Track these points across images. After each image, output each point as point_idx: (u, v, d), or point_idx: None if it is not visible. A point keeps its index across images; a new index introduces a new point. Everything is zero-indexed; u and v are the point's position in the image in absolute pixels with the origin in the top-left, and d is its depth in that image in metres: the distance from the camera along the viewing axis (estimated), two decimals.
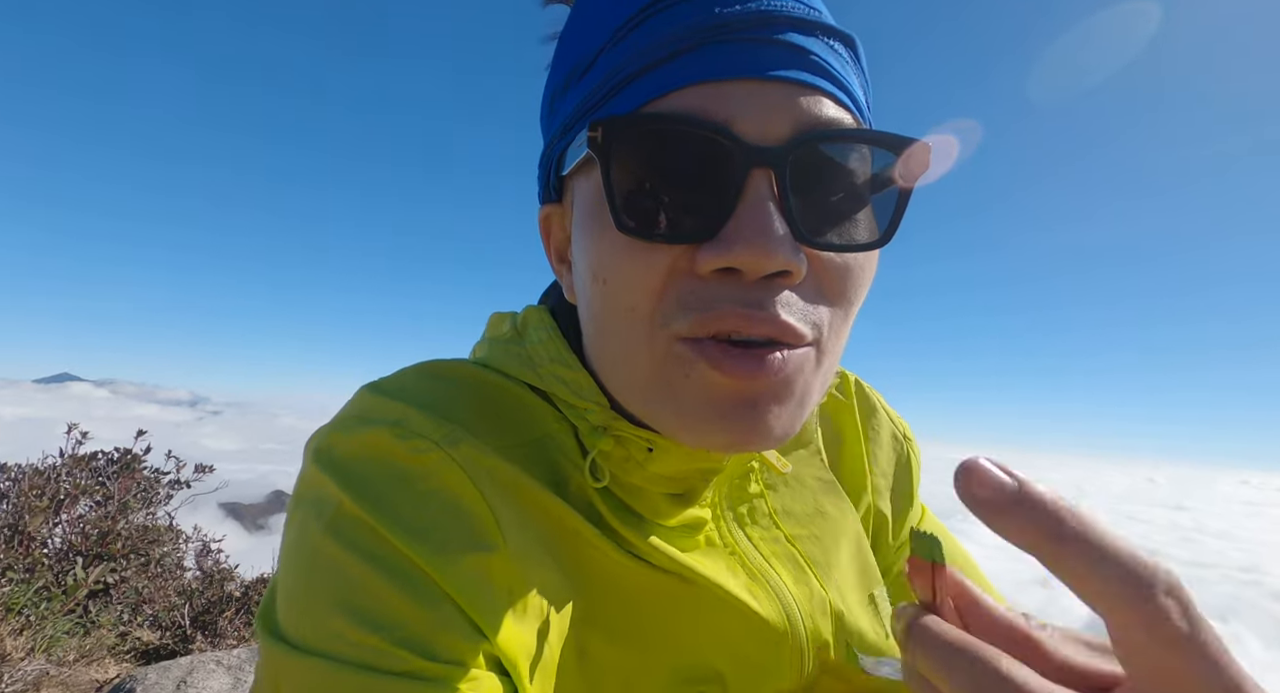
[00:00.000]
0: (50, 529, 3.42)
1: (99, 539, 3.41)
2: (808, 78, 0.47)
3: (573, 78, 0.53)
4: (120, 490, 3.73)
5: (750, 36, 0.46)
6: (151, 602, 3.35)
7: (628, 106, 0.47)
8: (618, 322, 0.50)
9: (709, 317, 0.46)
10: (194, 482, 4.27)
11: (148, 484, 3.96)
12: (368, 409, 0.53)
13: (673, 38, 0.47)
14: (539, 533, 0.53)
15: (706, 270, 0.46)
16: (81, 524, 3.48)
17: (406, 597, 0.44)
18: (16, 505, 3.39)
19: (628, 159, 0.46)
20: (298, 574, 0.47)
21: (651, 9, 0.48)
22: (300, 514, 0.49)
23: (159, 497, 4.00)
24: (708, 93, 0.45)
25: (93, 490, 3.67)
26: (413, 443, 0.50)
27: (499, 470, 0.52)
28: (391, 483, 0.48)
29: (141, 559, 3.54)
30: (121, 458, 3.94)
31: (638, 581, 0.57)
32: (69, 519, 3.49)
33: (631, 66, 0.48)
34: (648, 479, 0.58)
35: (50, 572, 3.11)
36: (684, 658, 0.58)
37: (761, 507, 0.67)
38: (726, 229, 0.45)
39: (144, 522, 3.78)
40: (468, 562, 0.47)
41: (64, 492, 3.52)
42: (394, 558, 0.45)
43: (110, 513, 3.59)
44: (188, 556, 3.98)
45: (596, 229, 0.49)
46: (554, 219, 0.59)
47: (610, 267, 0.48)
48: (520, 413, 0.58)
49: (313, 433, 0.54)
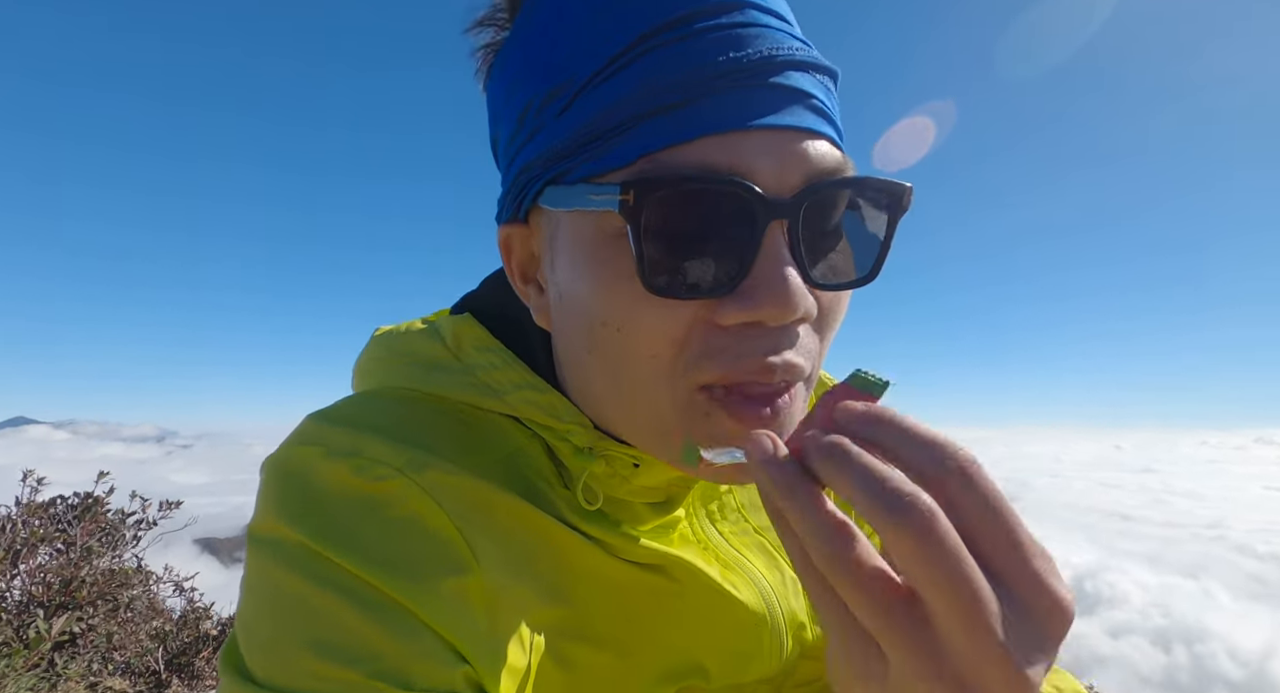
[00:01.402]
0: (9, 582, 3.26)
1: (61, 588, 3.26)
2: (810, 122, 0.47)
3: (552, 103, 0.50)
4: (82, 535, 3.58)
5: (761, 81, 0.46)
6: (123, 649, 3.22)
7: (635, 152, 0.46)
8: (638, 368, 0.49)
9: (734, 370, 0.47)
10: (162, 519, 4.12)
11: (111, 527, 3.81)
12: (319, 437, 0.51)
13: (684, 81, 0.45)
14: (516, 548, 0.52)
15: (730, 323, 0.46)
16: (42, 574, 3.33)
17: (381, 629, 0.43)
18: None
19: (657, 218, 0.45)
20: (261, 613, 0.45)
21: (653, 41, 0.46)
22: (259, 552, 0.47)
23: (125, 539, 3.85)
24: (727, 144, 0.45)
25: (52, 538, 3.51)
26: (373, 471, 0.48)
27: (468, 490, 0.51)
28: (354, 515, 0.47)
29: (110, 605, 3.39)
30: (82, 502, 3.78)
31: (620, 580, 0.57)
32: (28, 570, 3.33)
33: (636, 108, 0.46)
34: (632, 492, 0.59)
35: (10, 626, 2.96)
36: (668, 655, 0.58)
37: (730, 502, 0.69)
38: (747, 283, 0.46)
39: (110, 566, 3.63)
40: (443, 588, 0.46)
41: (20, 542, 3.36)
42: (364, 591, 0.44)
43: (73, 560, 3.43)
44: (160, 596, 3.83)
45: (605, 277, 0.48)
46: (516, 239, 0.57)
47: (626, 316, 0.48)
48: (485, 431, 0.57)
49: (262, 465, 0.52)
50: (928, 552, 0.30)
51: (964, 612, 0.30)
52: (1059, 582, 0.32)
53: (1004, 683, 0.31)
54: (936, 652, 0.32)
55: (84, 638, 3.17)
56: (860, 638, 0.34)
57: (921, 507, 0.31)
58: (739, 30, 0.47)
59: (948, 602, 0.31)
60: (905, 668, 0.32)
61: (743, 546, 0.66)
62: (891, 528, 0.31)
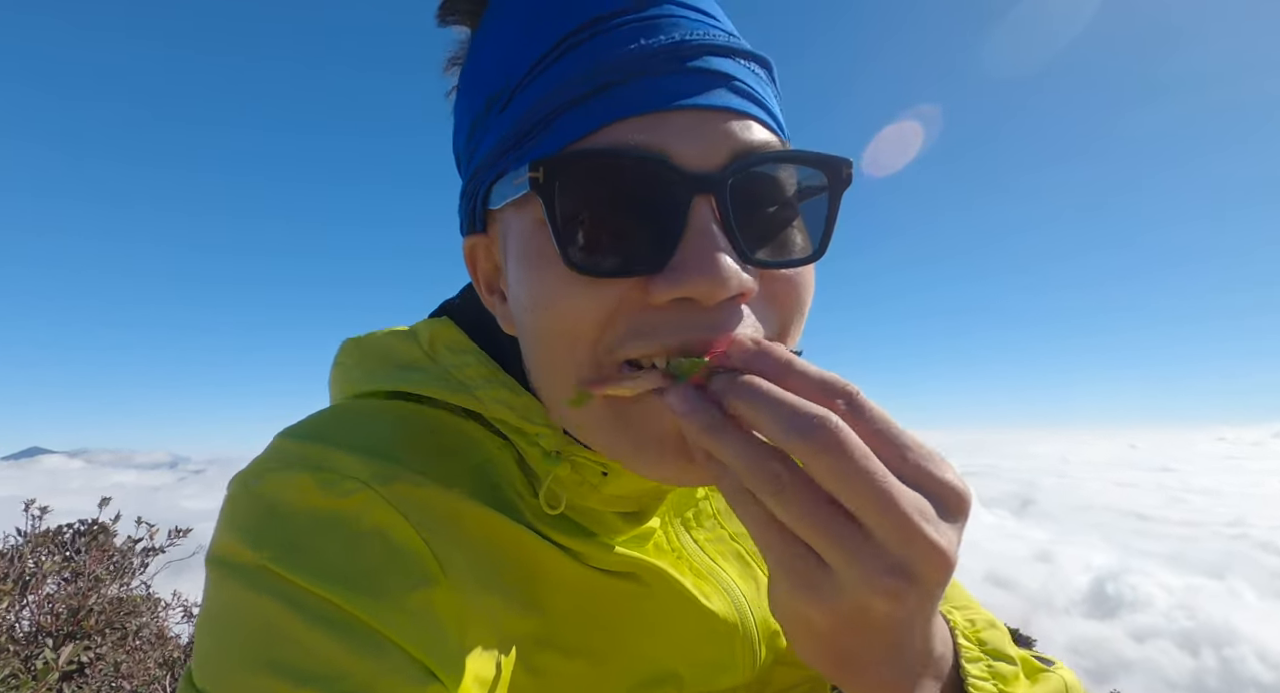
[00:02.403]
0: (17, 612, 3.26)
1: (70, 617, 3.25)
2: (736, 103, 0.48)
3: (492, 109, 0.52)
4: (90, 564, 3.58)
5: (675, 67, 0.47)
6: (131, 677, 3.20)
7: (559, 142, 0.47)
8: (560, 348, 0.50)
9: (666, 345, 0.46)
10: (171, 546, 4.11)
11: (119, 554, 3.80)
12: (286, 454, 0.51)
13: (598, 71, 0.47)
14: (485, 558, 0.52)
15: (661, 302, 0.46)
16: (50, 603, 3.32)
17: (345, 648, 0.42)
18: None
19: (571, 197, 0.46)
20: (217, 636, 0.44)
21: (572, 39, 0.48)
22: (216, 574, 0.46)
23: (133, 566, 3.84)
24: (641, 125, 0.46)
25: (60, 567, 3.51)
26: (340, 486, 0.48)
27: (436, 501, 0.51)
28: (315, 531, 0.46)
29: (118, 634, 3.38)
30: (89, 529, 3.78)
31: (591, 587, 0.57)
32: (36, 600, 3.33)
33: (558, 100, 0.48)
34: (602, 501, 0.58)
35: (17, 657, 2.95)
36: (641, 664, 0.58)
37: (706, 509, 0.69)
38: (676, 259, 0.46)
39: (118, 593, 3.62)
40: (408, 602, 0.45)
41: (29, 572, 3.36)
42: (327, 609, 0.43)
43: (81, 588, 3.43)
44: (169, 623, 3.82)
45: (536, 263, 0.49)
46: (480, 250, 0.59)
47: (553, 298, 0.48)
48: (455, 440, 0.57)
49: (229, 482, 0.51)
50: (847, 465, 0.36)
51: (891, 511, 0.36)
52: (953, 473, 0.39)
53: (937, 565, 0.37)
54: (875, 551, 0.36)
55: (92, 667, 3.15)
56: (801, 553, 0.38)
57: (831, 425, 0.36)
58: (653, 22, 0.48)
59: (875, 505, 0.36)
60: (850, 571, 0.37)
61: (717, 553, 0.66)
62: (808, 447, 0.36)
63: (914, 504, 0.37)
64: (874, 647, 0.41)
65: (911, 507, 0.37)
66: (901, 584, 0.37)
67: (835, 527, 0.37)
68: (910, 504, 0.37)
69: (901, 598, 0.37)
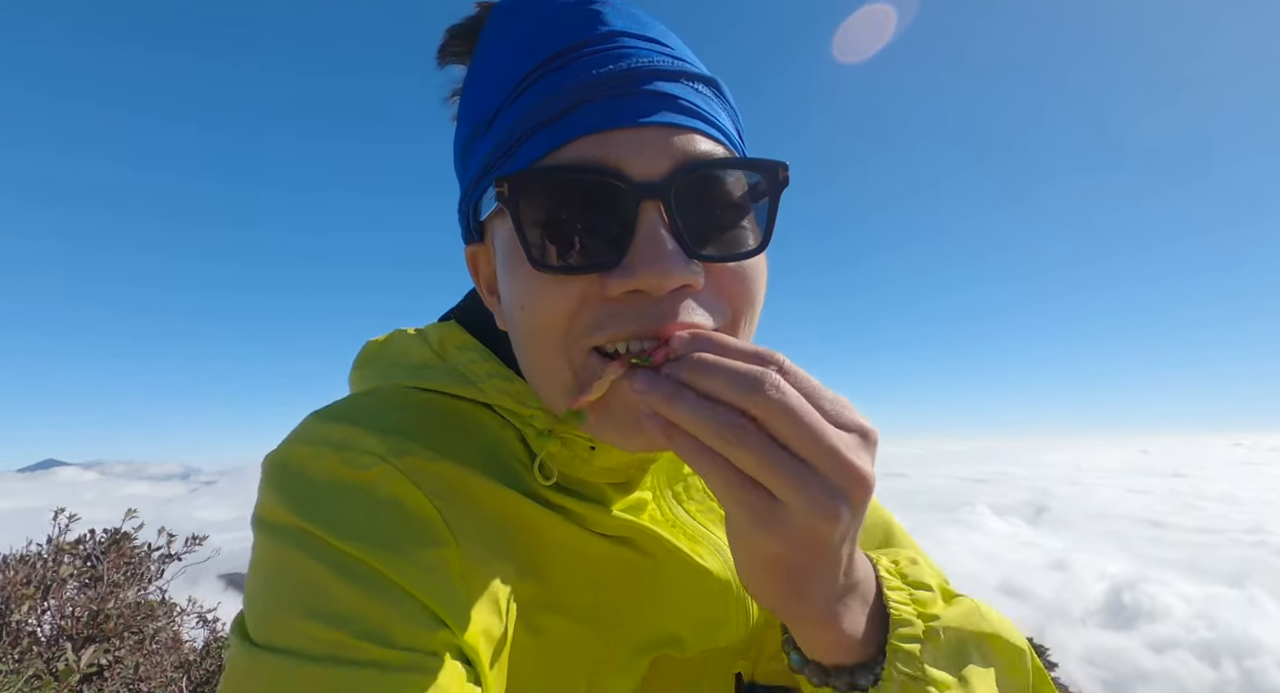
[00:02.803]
0: (39, 616, 3.36)
1: (89, 621, 3.35)
2: (678, 119, 0.56)
3: (477, 133, 0.61)
4: (110, 570, 3.68)
5: (626, 90, 0.55)
6: (148, 679, 3.29)
7: (527, 159, 0.56)
8: (538, 339, 0.58)
9: (622, 331, 0.54)
10: (186, 554, 4.21)
11: (138, 561, 3.91)
12: (316, 434, 0.59)
13: (559, 96, 0.55)
14: (493, 527, 0.59)
15: (616, 293, 0.54)
16: (71, 607, 3.42)
17: (365, 595, 0.49)
18: (3, 595, 3.33)
19: (532, 207, 0.54)
20: (262, 584, 0.52)
21: (539, 71, 0.57)
22: (261, 534, 0.54)
23: (150, 573, 3.95)
24: (595, 142, 0.54)
25: (81, 572, 3.62)
26: (359, 461, 0.56)
27: (447, 474, 0.58)
28: (340, 498, 0.54)
29: (136, 637, 3.47)
30: (110, 537, 3.89)
31: (593, 554, 0.64)
32: (57, 604, 3.43)
33: (527, 123, 0.56)
34: (593, 473, 0.66)
35: (40, 659, 3.05)
36: (643, 627, 0.64)
37: (695, 482, 0.76)
38: (628, 256, 0.53)
39: (136, 599, 3.72)
40: (422, 559, 0.52)
41: (51, 577, 3.46)
42: (349, 562, 0.50)
43: (101, 594, 3.53)
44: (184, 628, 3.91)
45: (514, 265, 0.58)
46: (480, 257, 0.68)
47: (527, 297, 0.57)
48: (467, 422, 0.65)
49: (264, 460, 0.59)
50: (790, 410, 0.45)
51: (827, 446, 0.45)
52: (863, 416, 0.49)
53: (864, 487, 0.47)
54: (818, 481, 0.45)
55: (111, 670, 3.24)
56: (758, 493, 0.46)
57: (773, 380, 0.45)
58: (608, 52, 0.57)
59: (814, 442, 0.45)
60: (799, 500, 0.45)
61: (708, 521, 0.74)
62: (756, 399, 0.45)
63: (842, 440, 0.46)
64: (817, 566, 0.50)
65: (841, 442, 0.46)
66: (839, 505, 0.45)
67: (786, 463, 0.45)
68: (840, 440, 0.46)
69: (839, 518, 0.46)
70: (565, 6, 0.59)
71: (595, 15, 0.59)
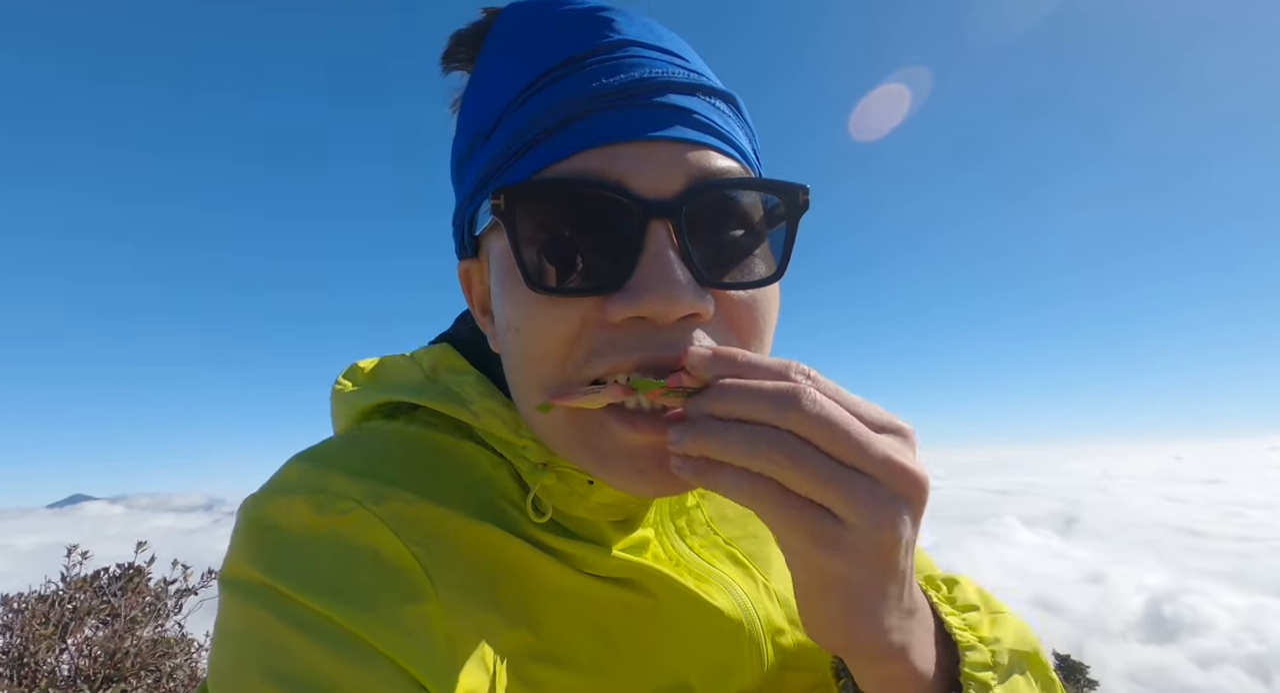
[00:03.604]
0: (57, 656, 3.34)
1: (107, 660, 3.32)
2: (693, 135, 0.52)
3: (476, 144, 0.57)
4: (126, 607, 3.66)
5: (637, 101, 0.51)
6: None
7: (527, 171, 0.52)
8: (533, 367, 0.53)
9: (622, 364, 0.50)
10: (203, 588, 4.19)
11: (154, 597, 3.89)
12: (292, 479, 0.55)
13: (563, 106, 0.51)
14: (479, 573, 0.54)
15: (618, 319, 0.50)
16: (89, 647, 3.40)
17: (337, 660, 0.45)
18: (22, 636, 3.32)
19: (530, 221, 0.50)
20: (226, 648, 0.48)
21: (544, 80, 0.53)
22: (227, 593, 0.50)
23: (167, 608, 3.92)
24: (600, 155, 0.50)
25: (98, 610, 3.60)
26: (334, 506, 0.51)
27: (427, 517, 0.54)
28: (312, 550, 0.50)
29: (153, 676, 3.44)
30: (124, 573, 3.87)
31: (591, 597, 0.59)
32: (75, 643, 3.41)
33: (528, 134, 0.52)
34: (591, 510, 0.61)
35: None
36: (649, 675, 0.59)
37: (699, 517, 0.70)
38: (633, 280, 0.49)
39: (153, 635, 3.69)
40: (400, 617, 0.48)
41: (68, 615, 3.45)
42: (321, 624, 0.46)
43: (117, 631, 3.51)
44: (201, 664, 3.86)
45: (510, 284, 0.53)
46: (473, 273, 0.64)
47: (523, 319, 0.52)
48: (453, 460, 0.60)
49: (240, 504, 0.55)
50: (835, 423, 0.42)
51: (876, 453, 0.42)
52: (898, 418, 0.47)
53: (920, 487, 0.44)
54: (875, 489, 0.43)
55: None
56: (819, 514, 0.43)
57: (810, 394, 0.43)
58: (618, 62, 0.53)
59: (863, 451, 0.42)
60: (863, 515, 0.42)
61: (713, 558, 0.68)
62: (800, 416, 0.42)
63: (889, 444, 0.44)
64: (885, 583, 0.46)
65: (889, 447, 0.43)
66: (902, 511, 0.43)
67: (844, 476, 0.42)
68: (887, 445, 0.43)
69: (900, 524, 0.43)
70: (575, 14, 0.56)
71: (606, 23, 0.55)
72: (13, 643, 3.30)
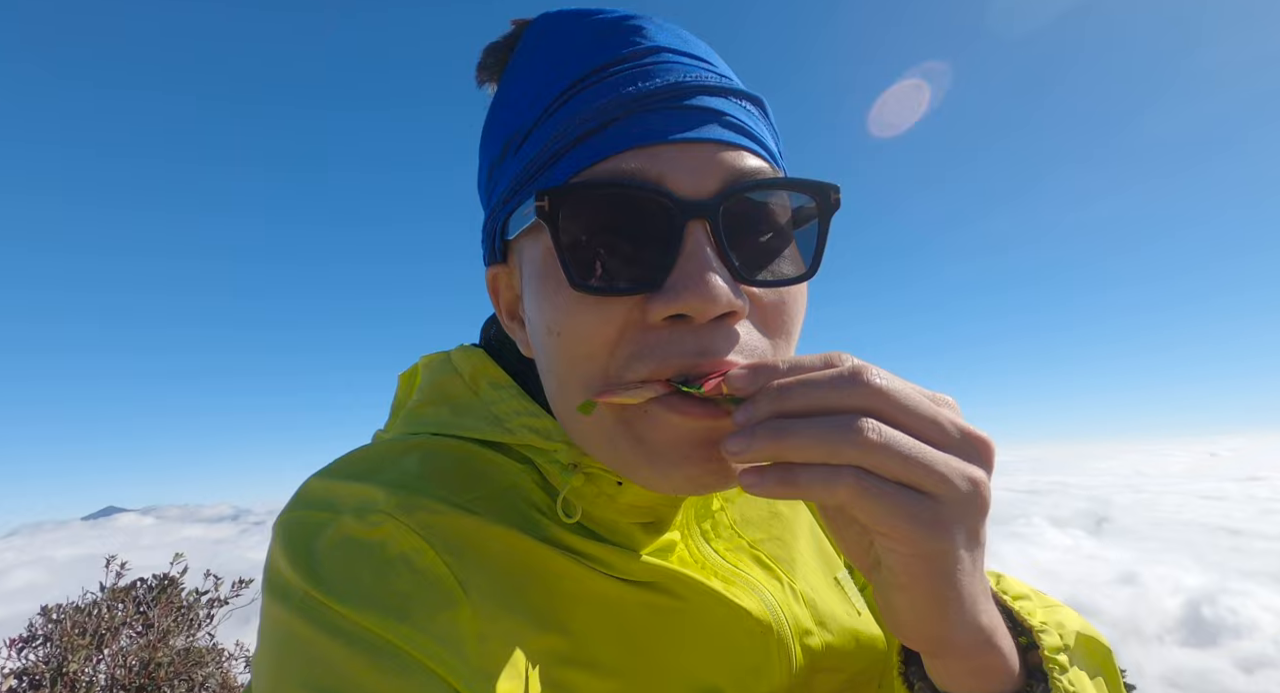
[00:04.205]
0: (94, 666, 3.41)
1: (141, 670, 3.38)
2: (728, 136, 0.53)
3: (509, 149, 0.58)
4: (160, 616, 3.73)
5: (671, 104, 0.53)
6: None
7: (565, 174, 0.53)
8: (575, 370, 0.54)
9: (664, 367, 0.50)
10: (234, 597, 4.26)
11: (187, 607, 3.96)
12: (319, 494, 0.56)
13: (601, 110, 0.52)
14: (507, 579, 0.55)
15: (657, 319, 0.50)
16: (124, 656, 3.47)
17: (373, 668, 0.46)
18: (60, 647, 3.40)
19: (573, 223, 0.51)
20: (269, 659, 0.50)
21: (580, 85, 0.54)
22: (268, 602, 0.52)
23: (199, 618, 3.99)
24: (639, 157, 0.51)
25: (133, 621, 3.67)
26: (368, 519, 0.53)
27: (456, 526, 0.55)
28: (347, 561, 0.51)
29: (186, 685, 3.50)
30: (159, 584, 3.95)
31: (619, 601, 0.59)
32: (111, 654, 3.48)
33: (566, 138, 0.53)
34: (620, 511, 0.61)
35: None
36: (677, 679, 0.59)
37: (724, 520, 0.71)
38: (671, 279, 0.50)
39: (186, 645, 3.76)
40: (434, 624, 0.49)
41: (104, 626, 3.52)
42: (357, 632, 0.47)
43: (151, 641, 3.58)
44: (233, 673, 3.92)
45: (549, 287, 0.54)
46: (501, 279, 0.65)
47: (564, 321, 0.53)
48: (479, 467, 0.61)
49: (274, 521, 0.57)
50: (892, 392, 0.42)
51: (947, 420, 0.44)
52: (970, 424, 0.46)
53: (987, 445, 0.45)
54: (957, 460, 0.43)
55: None
56: (915, 496, 0.42)
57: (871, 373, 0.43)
58: (651, 67, 0.54)
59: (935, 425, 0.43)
60: (952, 485, 0.42)
61: (739, 561, 0.68)
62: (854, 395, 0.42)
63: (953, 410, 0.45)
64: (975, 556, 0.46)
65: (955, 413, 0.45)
66: (981, 476, 0.44)
67: (926, 451, 0.42)
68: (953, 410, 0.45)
69: (985, 489, 0.44)
70: (605, 23, 0.57)
71: (637, 30, 0.56)
72: (52, 653, 3.38)
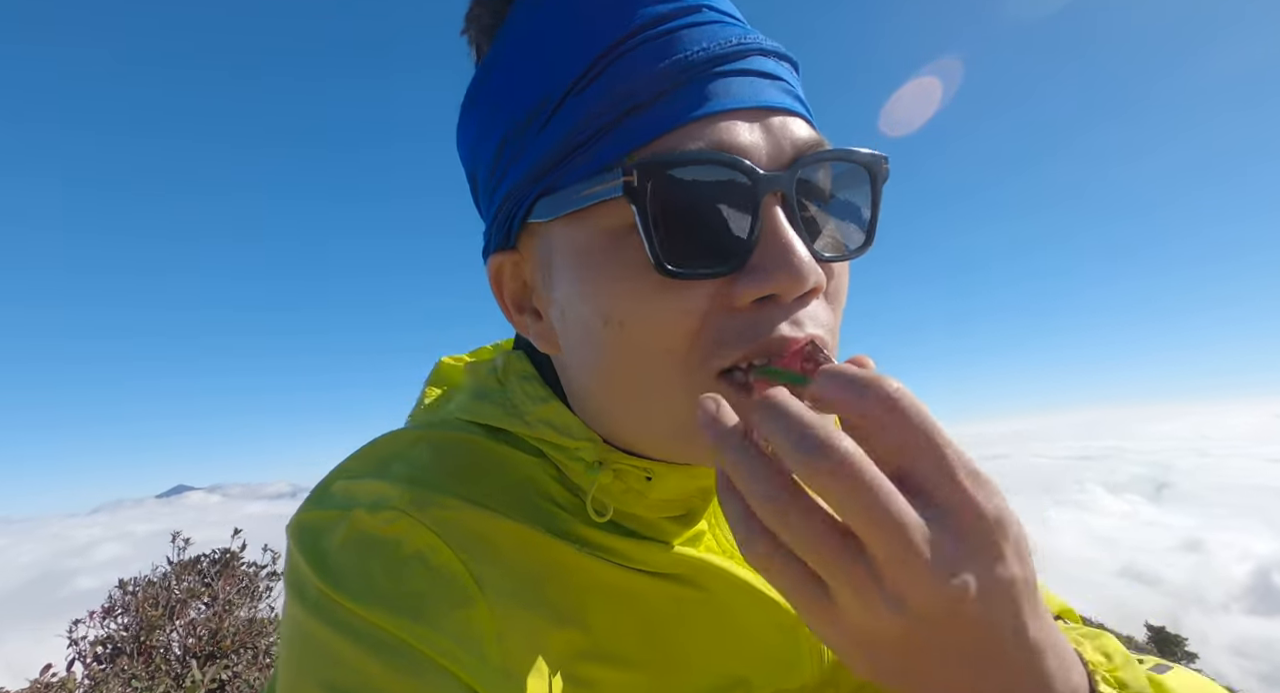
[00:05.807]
0: (168, 635, 3.65)
1: (210, 639, 3.60)
2: (788, 103, 0.50)
3: (531, 124, 0.52)
4: (224, 589, 3.95)
5: (734, 68, 0.48)
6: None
7: (625, 147, 0.47)
8: (648, 364, 0.50)
9: (753, 349, 0.47)
10: None
11: (248, 580, 4.18)
12: (335, 493, 0.55)
13: (662, 75, 0.47)
14: (523, 575, 0.53)
15: (746, 302, 0.47)
16: (194, 626, 3.69)
17: (388, 669, 0.45)
18: (138, 617, 3.64)
19: (663, 199, 0.46)
20: (288, 657, 0.49)
21: (619, 49, 0.49)
22: (288, 600, 0.51)
23: (259, 590, 4.21)
24: (715, 126, 0.47)
25: (200, 593, 3.90)
26: (381, 515, 0.51)
27: (471, 522, 0.53)
28: (363, 559, 0.50)
29: (251, 653, 3.70)
30: (221, 558, 4.18)
31: (641, 594, 0.57)
32: (182, 624, 3.71)
33: (622, 106, 0.48)
34: (649, 506, 0.59)
35: (169, 676, 3.30)
36: (705, 671, 0.57)
37: None
38: (756, 257, 0.47)
39: (249, 615, 3.98)
40: (449, 623, 0.48)
41: (174, 598, 3.75)
42: (373, 632, 0.46)
43: (217, 612, 3.79)
44: None
45: (607, 275, 0.49)
46: (507, 268, 0.59)
47: (632, 310, 0.49)
48: (492, 462, 0.59)
49: (291, 518, 0.56)
50: (848, 489, 0.33)
51: (889, 541, 0.33)
52: (984, 495, 0.35)
53: (939, 597, 0.33)
54: (873, 578, 0.34)
55: (230, 684, 3.46)
56: (804, 576, 0.36)
57: (839, 449, 0.33)
58: (704, 26, 0.49)
59: (874, 533, 0.33)
60: (847, 597, 0.35)
61: None
62: (810, 470, 0.33)
63: (922, 537, 0.33)
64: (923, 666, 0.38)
65: (919, 538, 0.33)
66: (896, 617, 0.34)
67: (834, 553, 0.34)
68: (917, 537, 0.33)
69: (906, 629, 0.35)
70: None
71: None
72: (130, 622, 3.62)
